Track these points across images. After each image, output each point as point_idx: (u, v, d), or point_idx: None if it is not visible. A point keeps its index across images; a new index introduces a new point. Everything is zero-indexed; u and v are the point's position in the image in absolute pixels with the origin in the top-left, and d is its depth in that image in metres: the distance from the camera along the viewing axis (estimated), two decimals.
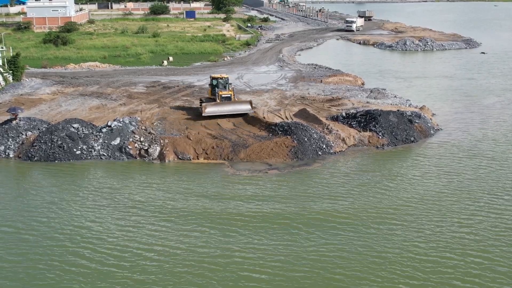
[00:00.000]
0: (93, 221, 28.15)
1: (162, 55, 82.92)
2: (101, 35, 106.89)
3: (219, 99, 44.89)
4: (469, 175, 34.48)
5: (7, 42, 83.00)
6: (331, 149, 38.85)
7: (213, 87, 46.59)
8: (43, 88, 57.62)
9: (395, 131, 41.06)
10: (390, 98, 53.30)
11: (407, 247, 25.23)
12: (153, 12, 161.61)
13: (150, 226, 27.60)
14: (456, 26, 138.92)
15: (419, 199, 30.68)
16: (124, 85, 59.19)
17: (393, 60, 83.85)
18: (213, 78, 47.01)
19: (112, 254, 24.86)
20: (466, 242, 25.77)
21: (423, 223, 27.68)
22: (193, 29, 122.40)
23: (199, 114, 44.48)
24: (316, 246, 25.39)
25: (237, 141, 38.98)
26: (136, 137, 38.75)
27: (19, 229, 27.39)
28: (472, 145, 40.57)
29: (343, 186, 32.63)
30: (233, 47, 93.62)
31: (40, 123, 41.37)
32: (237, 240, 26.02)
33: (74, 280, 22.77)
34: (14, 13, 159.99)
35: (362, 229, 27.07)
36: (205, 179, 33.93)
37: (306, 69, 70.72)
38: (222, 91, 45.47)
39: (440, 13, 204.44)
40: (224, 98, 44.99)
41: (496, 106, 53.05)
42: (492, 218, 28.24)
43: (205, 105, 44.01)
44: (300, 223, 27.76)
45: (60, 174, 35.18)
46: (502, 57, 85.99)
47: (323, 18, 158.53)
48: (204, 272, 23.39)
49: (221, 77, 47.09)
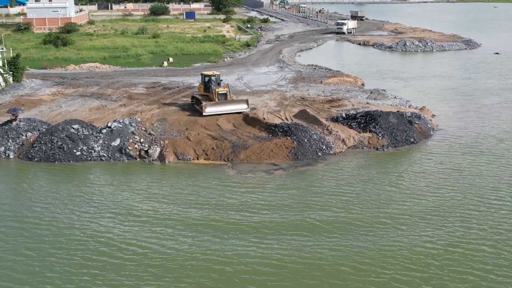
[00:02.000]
0: (93, 222, 28.16)
1: (162, 56, 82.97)
2: (101, 36, 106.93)
3: (215, 96, 45.88)
4: (469, 175, 34.48)
5: (7, 43, 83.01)
6: (331, 150, 38.88)
7: (205, 84, 47.66)
8: (43, 89, 57.65)
9: (395, 132, 41.08)
10: (390, 99, 53.33)
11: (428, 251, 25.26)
12: (153, 13, 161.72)
13: (151, 228, 27.60)
14: (456, 27, 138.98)
15: (427, 202, 30.71)
16: (124, 86, 59.22)
17: (393, 61, 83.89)
18: (205, 76, 48.19)
19: (113, 255, 24.86)
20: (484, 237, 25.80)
21: (438, 225, 27.71)
22: (193, 30, 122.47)
23: (193, 110, 47.05)
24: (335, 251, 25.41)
25: (237, 142, 39.00)
26: (136, 138, 38.78)
27: (17, 229, 27.40)
28: (472, 146, 40.58)
29: (352, 188, 32.63)
30: (233, 48, 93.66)
31: (40, 124, 41.40)
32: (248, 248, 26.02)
33: (73, 281, 22.80)
34: (14, 13, 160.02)
35: (379, 234, 27.07)
36: (208, 182, 33.91)
37: (306, 70, 70.75)
38: (218, 88, 46.49)
39: (439, 14, 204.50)
40: (221, 94, 46.08)
41: (496, 106, 53.06)
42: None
43: (204, 105, 44.88)
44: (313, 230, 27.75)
45: (60, 175, 35.20)
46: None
47: (323, 19, 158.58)
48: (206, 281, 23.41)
49: (213, 74, 48.27)
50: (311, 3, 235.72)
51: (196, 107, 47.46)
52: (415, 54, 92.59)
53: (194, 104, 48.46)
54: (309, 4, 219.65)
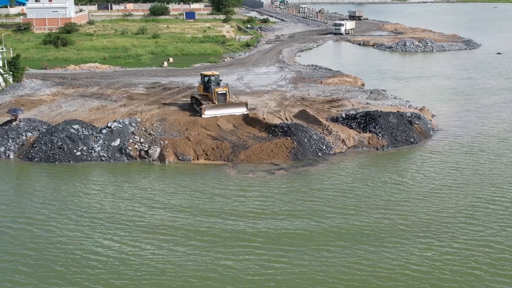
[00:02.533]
0: (93, 223, 28.16)
1: (162, 56, 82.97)
2: (101, 36, 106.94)
3: (215, 96, 46.05)
4: (470, 174, 34.53)
5: (7, 43, 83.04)
6: (331, 150, 38.89)
7: (205, 84, 47.67)
8: (43, 89, 57.67)
9: (395, 132, 41.09)
10: (390, 99, 53.35)
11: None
12: (153, 13, 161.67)
13: (151, 228, 27.63)
14: (456, 27, 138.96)
15: (431, 204, 30.73)
16: (124, 86, 59.24)
17: (393, 61, 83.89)
18: (205, 76, 48.31)
19: (113, 256, 24.87)
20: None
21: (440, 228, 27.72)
22: (193, 30, 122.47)
23: (193, 110, 47.38)
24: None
25: (237, 142, 39.01)
26: (136, 138, 38.79)
27: (16, 230, 27.41)
28: (473, 145, 40.61)
29: (353, 188, 32.64)
30: (233, 48, 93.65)
31: (40, 124, 41.41)
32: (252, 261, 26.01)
33: (74, 281, 22.82)
34: (14, 14, 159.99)
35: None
36: (208, 184, 33.92)
37: (306, 70, 70.76)
38: (217, 88, 46.56)
39: (439, 14, 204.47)
40: (220, 94, 46.23)
41: (496, 106, 53.08)
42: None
43: (204, 107, 45.05)
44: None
45: (60, 175, 35.20)
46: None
47: (323, 19, 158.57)
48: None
49: (212, 74, 48.44)
50: (311, 3, 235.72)
51: (196, 108, 47.47)
52: (415, 54, 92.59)
53: (194, 104, 48.56)
54: (308, 4, 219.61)
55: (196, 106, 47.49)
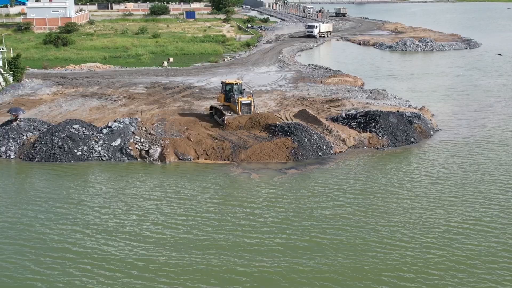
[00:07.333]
0: (94, 223, 28.20)
1: (162, 55, 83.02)
2: (101, 36, 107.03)
3: (238, 106, 42.37)
4: (470, 174, 34.53)
5: (8, 43, 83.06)
6: (331, 150, 38.93)
7: (226, 93, 43.82)
8: (43, 89, 57.72)
9: (395, 132, 41.13)
10: (390, 99, 53.39)
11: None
12: (153, 12, 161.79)
13: (151, 229, 27.68)
14: (456, 27, 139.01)
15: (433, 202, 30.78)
16: (124, 86, 59.29)
17: (393, 61, 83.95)
18: (227, 84, 44.33)
19: (113, 256, 24.92)
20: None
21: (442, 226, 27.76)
22: (193, 29, 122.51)
23: (212, 120, 44.08)
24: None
25: (237, 142, 39.04)
26: (137, 138, 38.81)
27: (16, 230, 27.45)
28: (473, 145, 40.63)
29: (354, 189, 32.70)
30: (233, 47, 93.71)
31: (40, 124, 41.45)
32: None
33: (74, 281, 22.87)
34: (14, 13, 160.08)
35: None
36: (208, 185, 33.95)
37: (306, 70, 70.82)
38: (241, 98, 42.69)
39: (439, 14, 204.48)
40: (244, 104, 42.56)
41: (496, 106, 53.11)
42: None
43: (227, 119, 41.69)
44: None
45: (61, 175, 35.24)
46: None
47: (323, 18, 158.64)
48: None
49: (235, 83, 44.40)
50: (311, 3, 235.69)
51: (217, 119, 43.75)
52: (415, 53, 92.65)
53: (214, 115, 44.61)
54: (308, 4, 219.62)
55: (217, 117, 43.66)
